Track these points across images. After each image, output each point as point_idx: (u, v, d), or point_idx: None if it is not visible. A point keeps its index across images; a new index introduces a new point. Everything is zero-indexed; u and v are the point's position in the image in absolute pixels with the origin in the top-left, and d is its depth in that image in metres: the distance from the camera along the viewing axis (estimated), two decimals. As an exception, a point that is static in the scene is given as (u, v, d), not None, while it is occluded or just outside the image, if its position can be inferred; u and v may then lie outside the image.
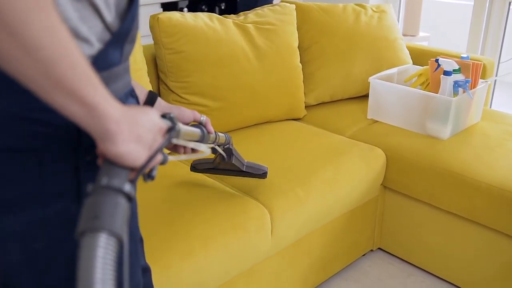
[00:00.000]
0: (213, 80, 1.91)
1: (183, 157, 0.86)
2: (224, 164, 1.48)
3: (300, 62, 2.24)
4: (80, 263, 0.52)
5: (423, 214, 1.92)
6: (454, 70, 1.93)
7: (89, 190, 0.58)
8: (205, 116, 0.99)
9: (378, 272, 2.01)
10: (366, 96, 2.30)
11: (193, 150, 0.92)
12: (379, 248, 2.15)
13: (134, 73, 1.73)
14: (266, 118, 2.08)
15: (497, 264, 1.75)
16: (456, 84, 1.92)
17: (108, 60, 0.68)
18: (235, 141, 1.92)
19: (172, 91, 1.92)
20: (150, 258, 1.27)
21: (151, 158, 0.63)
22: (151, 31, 1.87)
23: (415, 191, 1.89)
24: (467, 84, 1.90)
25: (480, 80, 2.03)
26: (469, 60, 1.98)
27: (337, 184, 1.73)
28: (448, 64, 1.91)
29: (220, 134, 1.18)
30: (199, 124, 0.97)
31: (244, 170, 1.51)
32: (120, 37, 0.70)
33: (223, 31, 1.95)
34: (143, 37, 2.05)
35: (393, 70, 2.22)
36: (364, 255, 2.11)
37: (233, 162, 1.42)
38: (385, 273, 2.00)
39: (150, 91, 0.85)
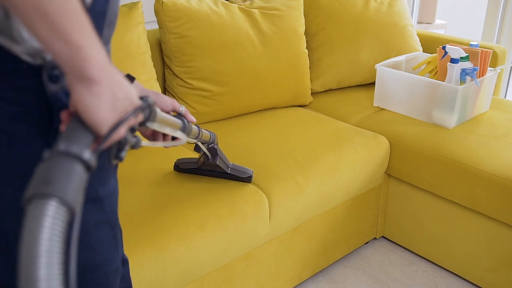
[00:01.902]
0: (217, 65, 1.92)
1: (159, 143, 0.83)
2: (208, 165, 1.44)
3: (307, 48, 2.23)
4: (24, 232, 0.47)
5: (426, 203, 1.90)
6: (462, 58, 1.90)
7: (45, 156, 0.53)
8: (184, 106, 0.97)
9: (380, 260, 2.01)
10: (373, 84, 2.28)
11: (173, 139, 0.89)
12: (382, 237, 2.14)
13: (137, 57, 1.74)
14: (270, 104, 2.08)
15: (499, 254, 1.74)
16: (464, 72, 1.89)
17: None
18: (238, 127, 1.92)
19: (177, 76, 1.93)
20: (146, 241, 1.29)
21: (115, 127, 0.58)
22: (156, 16, 1.88)
23: (419, 179, 1.87)
24: (475, 72, 1.87)
25: (489, 69, 2.00)
26: (478, 48, 1.95)
27: (337, 171, 1.73)
28: (455, 51, 1.88)
29: (204, 131, 1.15)
30: (180, 116, 0.94)
31: (228, 172, 1.47)
32: (96, 19, 0.69)
33: (228, 16, 1.94)
34: (149, 22, 2.05)
35: (401, 58, 2.19)
36: (367, 243, 2.10)
37: (217, 163, 1.37)
38: (388, 261, 2.00)
39: (127, 74, 0.84)
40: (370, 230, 2.05)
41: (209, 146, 1.32)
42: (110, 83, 0.57)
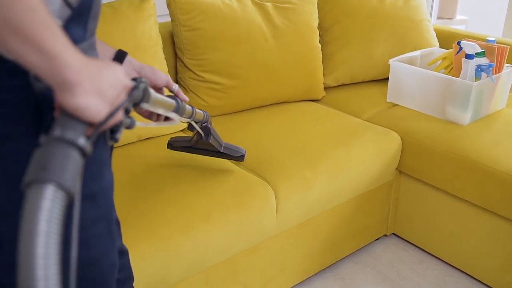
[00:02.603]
0: (229, 58, 1.91)
1: (152, 124, 0.84)
2: (201, 144, 1.45)
3: (321, 42, 2.21)
4: (24, 216, 0.49)
5: (438, 200, 1.87)
6: (477, 54, 1.86)
7: (42, 141, 0.54)
8: (177, 85, 0.98)
9: (390, 257, 1.99)
10: (388, 79, 2.25)
11: (166, 119, 0.91)
12: (393, 234, 2.12)
13: (149, 49, 1.75)
14: (282, 98, 2.07)
15: (509, 254, 1.70)
16: (479, 68, 1.85)
17: (71, 38, 0.66)
18: (249, 120, 1.92)
19: (188, 69, 1.93)
20: (148, 232, 1.29)
21: (111, 115, 0.60)
22: (168, 8, 1.88)
23: (430, 176, 1.85)
24: (490, 68, 1.83)
25: (506, 65, 1.95)
26: (494, 44, 1.91)
27: (346, 166, 1.71)
28: (470, 47, 1.84)
29: (198, 110, 1.17)
30: (174, 96, 0.96)
31: (221, 151, 1.48)
32: (81, 13, 0.69)
33: (240, 9, 1.94)
34: (162, 16, 2.06)
35: (416, 53, 2.16)
36: (377, 239, 2.09)
37: (210, 141, 1.39)
38: (397, 259, 1.98)
39: (119, 50, 0.85)
40: (380, 227, 2.03)
41: (203, 125, 1.33)
42: (91, 79, 0.58)
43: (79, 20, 0.68)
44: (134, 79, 0.73)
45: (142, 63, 0.92)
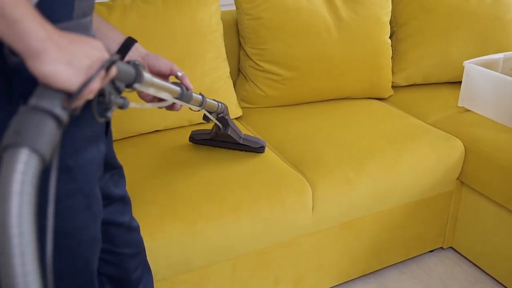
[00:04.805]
0: (289, 49, 1.88)
1: (147, 105, 0.84)
2: (221, 135, 1.47)
3: (395, 38, 2.11)
4: None
5: (500, 218, 1.72)
6: None
7: (19, 110, 0.56)
8: (182, 71, 0.98)
9: (442, 272, 1.86)
10: (464, 82, 2.09)
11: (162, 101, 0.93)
12: (450, 247, 1.98)
13: (207, 35, 1.77)
14: (344, 94, 2.00)
15: None
16: None
17: (52, 15, 0.67)
18: (305, 113, 1.89)
19: (249, 57, 1.93)
20: (175, 215, 1.32)
21: (85, 84, 0.60)
22: (233, -4, 1.90)
23: (493, 191, 1.70)
24: None
25: None
26: None
27: (396, 170, 1.62)
28: (553, 52, 1.65)
29: (210, 100, 1.17)
30: (180, 83, 0.97)
31: (241, 142, 1.49)
32: None
33: (305, -1, 1.90)
34: (226, 5, 2.07)
35: (499, 56, 1.98)
36: (432, 251, 1.96)
37: (229, 133, 1.38)
38: (450, 275, 1.85)
39: (128, 37, 0.88)
40: (436, 239, 1.91)
41: (219, 115, 1.33)
42: (60, 47, 0.58)
43: None
44: (128, 62, 0.75)
45: (148, 51, 0.95)
